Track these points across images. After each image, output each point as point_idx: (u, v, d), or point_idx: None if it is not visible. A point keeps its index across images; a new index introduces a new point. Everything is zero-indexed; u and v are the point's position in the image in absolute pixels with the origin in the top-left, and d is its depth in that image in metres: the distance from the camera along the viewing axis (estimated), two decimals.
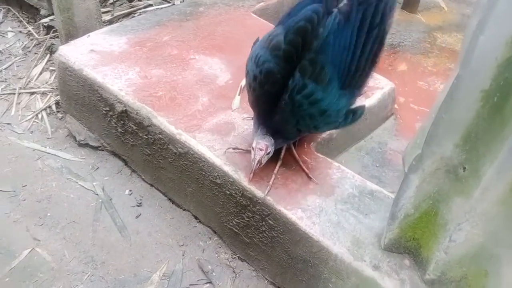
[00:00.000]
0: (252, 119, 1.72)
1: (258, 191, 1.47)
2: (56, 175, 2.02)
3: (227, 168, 1.54)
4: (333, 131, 1.74)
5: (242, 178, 1.51)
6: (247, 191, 1.49)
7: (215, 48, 2.15)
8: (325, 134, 1.71)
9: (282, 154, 1.57)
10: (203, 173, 1.62)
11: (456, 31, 3.00)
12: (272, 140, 1.41)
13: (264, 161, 1.41)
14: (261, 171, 1.53)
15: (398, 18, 3.02)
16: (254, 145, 1.39)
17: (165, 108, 1.77)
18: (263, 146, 1.38)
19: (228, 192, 1.56)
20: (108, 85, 1.85)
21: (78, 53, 2.02)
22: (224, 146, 1.61)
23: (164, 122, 1.70)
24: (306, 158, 1.60)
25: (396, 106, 2.13)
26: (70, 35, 2.34)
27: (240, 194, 1.52)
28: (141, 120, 1.76)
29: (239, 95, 1.86)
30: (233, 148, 1.59)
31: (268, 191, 1.46)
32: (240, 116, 1.76)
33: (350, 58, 1.29)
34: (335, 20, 1.26)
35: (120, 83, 1.87)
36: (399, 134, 2.03)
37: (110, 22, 2.90)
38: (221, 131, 1.68)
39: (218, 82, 1.93)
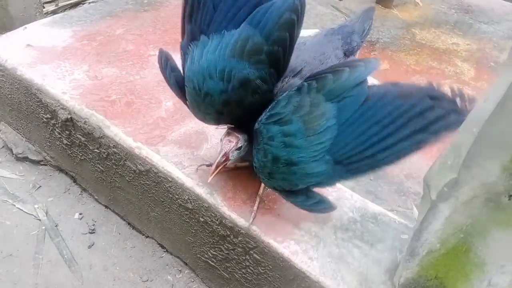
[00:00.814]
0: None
1: (240, 219, 1.19)
2: None
3: (200, 190, 1.25)
4: None
5: (219, 203, 1.22)
6: (227, 218, 1.21)
7: (179, 43, 1.84)
8: None
9: None
10: (170, 195, 1.32)
11: (434, 28, 2.84)
12: (246, 137, 1.14)
13: (232, 157, 1.12)
14: (244, 192, 1.25)
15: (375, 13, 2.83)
16: (222, 137, 1.13)
17: (120, 115, 1.45)
18: (233, 137, 1.11)
19: (202, 219, 1.27)
20: (48, 88, 1.51)
21: (11, 48, 1.66)
22: (196, 162, 1.32)
23: (119, 133, 1.39)
24: None
25: None
26: (5, 27, 1.97)
27: (217, 222, 1.23)
28: (91, 130, 1.43)
29: None
30: (207, 165, 1.30)
31: (253, 219, 1.18)
32: None
33: (371, 142, 1.00)
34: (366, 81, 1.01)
35: (64, 84, 1.53)
36: None
37: (54, 13, 2.52)
38: (191, 143, 1.39)
39: None
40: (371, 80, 1.19)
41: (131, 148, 1.35)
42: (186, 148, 1.37)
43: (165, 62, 1.18)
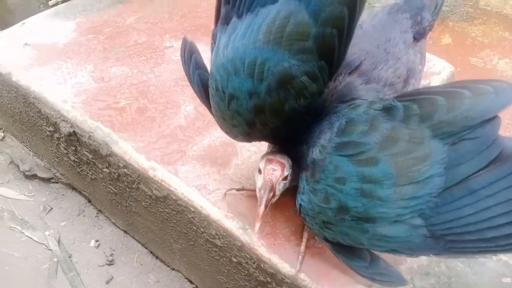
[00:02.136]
0: None
1: (283, 264, 0.91)
2: None
3: (230, 224, 0.97)
4: None
5: (255, 242, 0.94)
6: (266, 263, 0.92)
7: (200, 29, 1.55)
8: None
9: None
10: (194, 228, 1.05)
11: None
12: (290, 160, 0.84)
13: (279, 189, 0.82)
14: (286, 225, 0.96)
15: None
16: (261, 165, 0.82)
17: (131, 126, 1.19)
18: (277, 164, 0.80)
19: (235, 260, 1.00)
20: (46, 96, 1.27)
21: (6, 49, 1.42)
22: (223, 185, 1.04)
23: (129, 149, 1.12)
24: None
25: None
26: (5, 22, 1.74)
27: (254, 266, 0.96)
28: (97, 147, 1.18)
29: None
30: (237, 189, 1.02)
31: (301, 265, 0.89)
32: None
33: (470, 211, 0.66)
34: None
35: (65, 90, 1.28)
36: None
37: (65, 1, 2.28)
38: (217, 159, 1.11)
39: None
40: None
41: (144, 169, 1.09)
42: (211, 166, 1.09)
43: (189, 56, 0.91)
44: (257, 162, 1.07)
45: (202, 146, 1.14)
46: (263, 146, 1.14)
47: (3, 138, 1.70)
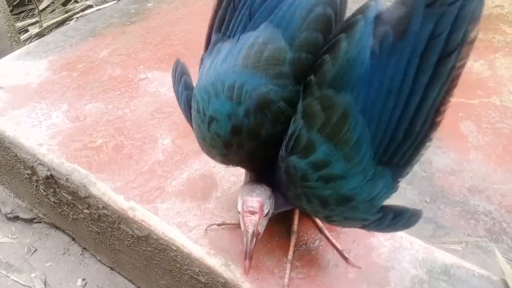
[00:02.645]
0: None
1: None
2: None
3: (213, 261, 0.97)
4: None
5: (238, 277, 0.94)
6: None
7: (174, 57, 1.51)
8: None
9: (296, 221, 1.00)
10: (178, 265, 1.05)
11: None
12: (267, 189, 0.84)
13: (262, 230, 0.83)
14: (269, 258, 0.96)
15: None
16: (239, 207, 0.82)
17: (108, 165, 1.18)
18: (255, 205, 0.80)
19: None
20: (22, 140, 1.26)
21: None
22: (204, 221, 1.04)
23: (108, 190, 1.12)
24: None
25: None
26: None
27: None
28: (75, 189, 1.17)
29: None
30: (218, 224, 1.02)
31: None
32: None
33: (400, 111, 0.67)
34: (379, 32, 0.66)
35: (40, 133, 1.27)
36: (443, 143, 1.47)
37: (40, 36, 2.27)
38: (196, 193, 1.11)
39: None
40: None
41: (123, 210, 1.08)
42: (190, 201, 1.09)
43: (179, 76, 0.92)
44: (236, 193, 1.08)
45: (181, 181, 1.14)
46: (242, 175, 1.15)
47: None
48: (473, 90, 1.71)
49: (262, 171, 0.87)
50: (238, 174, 1.15)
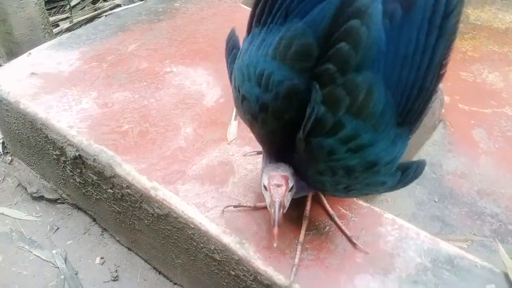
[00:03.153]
0: (259, 153, 1.22)
1: (279, 276, 0.96)
2: (4, 243, 1.51)
3: (228, 239, 1.03)
4: None
5: (252, 255, 0.99)
6: (262, 275, 0.98)
7: (198, 54, 1.63)
8: None
9: (308, 207, 1.06)
10: (194, 243, 1.11)
11: (489, 4, 2.48)
12: (290, 169, 0.90)
13: (288, 200, 0.88)
14: (281, 239, 1.02)
15: None
16: (265, 182, 0.88)
17: (133, 149, 1.25)
18: (280, 179, 0.86)
19: (233, 273, 1.05)
20: (53, 122, 1.34)
21: (14, 79, 1.50)
22: (221, 203, 1.10)
23: (132, 171, 1.19)
24: (344, 211, 1.09)
25: (442, 109, 1.62)
26: (12, 53, 1.83)
27: (251, 278, 1.01)
28: (101, 169, 1.24)
29: (235, 119, 1.34)
30: (235, 206, 1.08)
31: (295, 275, 0.95)
32: (240, 151, 1.25)
33: (415, 72, 0.75)
34: (388, 10, 0.72)
35: (71, 117, 1.35)
36: (454, 148, 1.52)
37: (69, 31, 2.37)
38: (215, 178, 1.17)
39: (205, 103, 1.42)
40: None
41: (146, 189, 1.15)
42: (209, 185, 1.15)
43: (231, 48, 1.01)
44: (253, 180, 1.15)
45: (201, 166, 1.20)
46: (258, 164, 1.21)
47: (11, 161, 1.77)
48: (486, 100, 1.76)
49: (281, 156, 0.93)
50: (255, 163, 1.21)
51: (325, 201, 1.08)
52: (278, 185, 0.85)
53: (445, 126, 1.59)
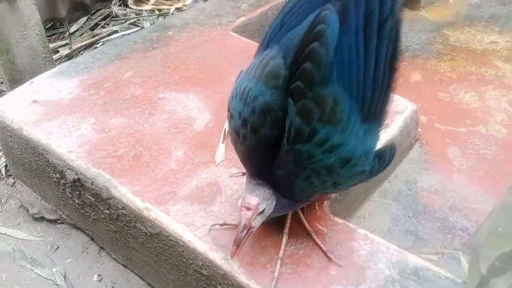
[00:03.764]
0: (244, 174, 1.32)
1: None
2: (7, 262, 1.60)
3: (214, 256, 1.12)
4: None
5: (236, 270, 1.09)
6: (245, 287, 1.07)
7: (190, 80, 1.74)
8: None
9: (288, 225, 1.16)
10: (184, 260, 1.20)
11: (468, 26, 2.60)
12: (268, 191, 1.00)
13: (256, 225, 0.99)
14: (263, 254, 1.11)
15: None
16: (239, 202, 0.99)
17: (128, 172, 1.35)
18: (251, 202, 0.96)
19: (219, 287, 1.14)
20: (54, 147, 1.44)
21: (17, 107, 1.60)
22: (208, 221, 1.20)
23: (127, 193, 1.29)
24: (321, 227, 1.18)
25: (419, 129, 1.72)
26: (15, 80, 1.94)
27: None
28: (98, 191, 1.34)
29: (223, 142, 1.44)
30: (221, 224, 1.18)
31: (275, 287, 1.04)
32: (227, 172, 1.35)
33: (364, 73, 0.90)
34: (335, 24, 0.86)
35: (70, 142, 1.46)
36: (429, 166, 1.62)
37: (69, 57, 2.50)
38: (203, 198, 1.27)
39: (195, 127, 1.52)
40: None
41: (139, 210, 1.25)
42: (198, 205, 1.25)
43: None
44: (238, 199, 1.24)
45: (190, 187, 1.30)
46: (244, 184, 1.30)
47: (13, 184, 1.87)
48: (461, 119, 1.86)
49: (262, 175, 1.03)
50: (240, 183, 1.31)
51: (303, 219, 1.17)
52: (248, 208, 0.95)
53: (421, 145, 1.69)
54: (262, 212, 0.97)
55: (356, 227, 1.18)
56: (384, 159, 1.01)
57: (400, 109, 1.58)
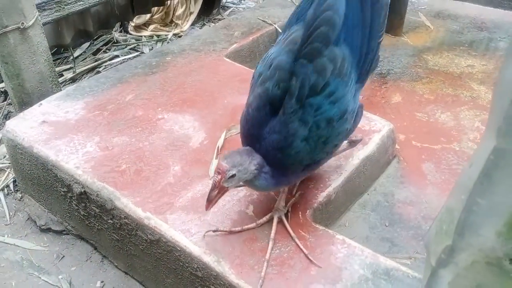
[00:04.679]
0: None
1: (248, 287, 1.19)
2: (16, 270, 1.72)
3: (208, 259, 1.26)
4: (331, 189, 1.47)
5: (227, 271, 1.22)
6: (235, 287, 1.20)
7: (186, 102, 1.89)
8: (322, 198, 1.44)
9: (274, 231, 1.30)
10: (181, 263, 1.33)
11: (447, 51, 2.78)
12: (246, 158, 1.14)
13: (229, 185, 1.15)
14: (251, 257, 1.25)
15: (382, 43, 2.81)
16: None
17: (130, 185, 1.49)
18: (221, 168, 1.11)
19: (212, 287, 1.27)
20: (62, 163, 1.58)
21: (27, 127, 1.75)
22: (203, 228, 1.34)
23: (129, 204, 1.43)
24: (303, 233, 1.32)
25: (396, 146, 1.88)
26: (23, 102, 2.08)
27: None
28: (103, 202, 1.48)
29: (216, 158, 1.59)
30: (214, 231, 1.32)
31: (261, 286, 1.18)
32: None
33: (363, 37, 1.14)
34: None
35: (77, 158, 1.60)
36: (406, 180, 1.77)
37: (73, 80, 2.66)
38: (198, 208, 1.41)
39: (191, 144, 1.67)
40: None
41: (140, 219, 1.39)
42: (193, 214, 1.39)
43: None
44: (229, 209, 1.38)
45: (186, 198, 1.44)
46: (235, 195, 1.45)
47: (21, 198, 2.00)
48: (437, 137, 2.02)
49: (253, 143, 1.19)
50: (232, 195, 1.45)
51: (288, 226, 1.31)
52: (218, 172, 1.11)
53: (398, 161, 1.85)
54: (233, 176, 1.12)
55: (335, 233, 1.33)
56: (358, 115, 1.24)
57: (377, 128, 1.74)
